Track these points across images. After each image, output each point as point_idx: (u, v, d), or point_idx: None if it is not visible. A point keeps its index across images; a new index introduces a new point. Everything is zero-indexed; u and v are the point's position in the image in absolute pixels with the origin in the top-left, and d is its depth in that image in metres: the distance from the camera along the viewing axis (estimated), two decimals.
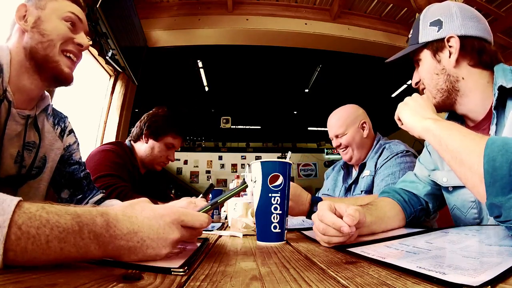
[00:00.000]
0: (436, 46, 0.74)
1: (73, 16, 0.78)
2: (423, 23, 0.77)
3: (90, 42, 0.83)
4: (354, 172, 1.35)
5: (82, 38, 0.80)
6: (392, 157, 1.16)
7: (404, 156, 1.16)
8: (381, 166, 1.17)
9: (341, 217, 0.51)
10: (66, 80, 0.79)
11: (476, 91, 0.71)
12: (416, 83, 0.82)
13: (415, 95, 0.71)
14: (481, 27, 0.73)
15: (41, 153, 0.81)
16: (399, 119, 0.72)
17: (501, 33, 3.28)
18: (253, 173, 0.65)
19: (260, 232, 0.63)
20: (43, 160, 0.83)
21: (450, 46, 0.72)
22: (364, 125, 1.32)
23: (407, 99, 0.71)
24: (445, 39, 0.72)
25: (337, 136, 1.33)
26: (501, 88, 0.63)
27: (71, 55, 0.78)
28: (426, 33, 0.76)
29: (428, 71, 0.76)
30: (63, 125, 0.91)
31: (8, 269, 0.29)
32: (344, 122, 1.32)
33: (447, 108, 0.77)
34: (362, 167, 1.28)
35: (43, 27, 0.74)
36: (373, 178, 1.19)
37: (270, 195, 0.62)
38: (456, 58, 0.71)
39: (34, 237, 0.30)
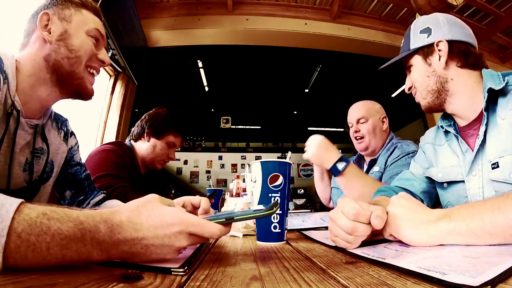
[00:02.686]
0: (427, 51, 0.79)
1: (97, 32, 0.78)
2: (414, 32, 0.82)
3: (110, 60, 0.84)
4: (365, 167, 1.37)
5: (104, 54, 0.80)
6: (403, 156, 1.19)
7: (414, 156, 1.18)
8: (391, 164, 1.20)
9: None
10: (88, 96, 0.79)
11: (465, 90, 0.76)
12: (409, 88, 0.85)
13: (395, 201, 0.53)
14: (466, 33, 0.79)
15: (49, 159, 0.82)
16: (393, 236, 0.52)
17: (501, 33, 3.29)
18: (253, 173, 0.65)
19: (260, 232, 0.63)
20: (50, 165, 0.83)
21: (439, 50, 0.77)
22: (384, 119, 1.37)
23: (392, 209, 0.52)
24: (435, 44, 0.78)
25: (358, 121, 1.35)
26: (490, 90, 0.68)
27: (94, 71, 0.79)
28: (417, 40, 0.81)
29: (420, 74, 0.80)
30: (65, 129, 0.91)
31: (8, 269, 0.29)
32: (368, 110, 1.37)
33: (437, 108, 0.80)
34: (372, 163, 1.30)
35: (70, 42, 0.72)
36: (382, 175, 1.21)
37: (270, 195, 0.61)
38: (445, 60, 0.76)
39: (34, 244, 0.30)
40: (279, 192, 0.62)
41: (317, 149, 1.02)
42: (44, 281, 0.28)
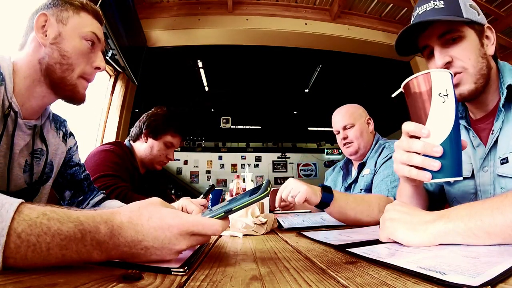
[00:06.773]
0: (479, 29, 0.70)
1: (93, 36, 0.76)
2: (463, 2, 0.70)
3: (105, 65, 0.81)
4: (354, 172, 1.36)
5: (100, 60, 0.77)
6: (392, 156, 1.16)
7: None
8: (381, 166, 1.18)
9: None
10: (79, 102, 0.78)
11: (495, 82, 0.72)
12: (447, 63, 0.69)
13: (390, 207, 0.53)
14: None
15: (48, 159, 0.82)
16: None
17: (501, 33, 3.29)
18: (440, 85, 0.50)
19: (454, 165, 0.50)
20: (49, 166, 0.83)
21: (486, 36, 0.71)
22: (369, 121, 1.37)
23: (388, 214, 0.52)
24: (485, 27, 0.71)
25: (344, 128, 1.35)
26: (510, 87, 0.65)
27: (87, 78, 0.77)
28: (469, 13, 0.69)
29: (475, 52, 0.69)
30: (64, 130, 0.90)
31: (8, 269, 0.29)
32: (352, 115, 1.36)
33: (476, 96, 0.71)
34: (361, 167, 1.29)
35: (63, 46, 0.71)
36: (373, 177, 1.19)
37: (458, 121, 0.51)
38: (495, 48, 0.71)
39: (34, 245, 0.30)
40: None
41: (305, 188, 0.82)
42: (44, 281, 0.28)
